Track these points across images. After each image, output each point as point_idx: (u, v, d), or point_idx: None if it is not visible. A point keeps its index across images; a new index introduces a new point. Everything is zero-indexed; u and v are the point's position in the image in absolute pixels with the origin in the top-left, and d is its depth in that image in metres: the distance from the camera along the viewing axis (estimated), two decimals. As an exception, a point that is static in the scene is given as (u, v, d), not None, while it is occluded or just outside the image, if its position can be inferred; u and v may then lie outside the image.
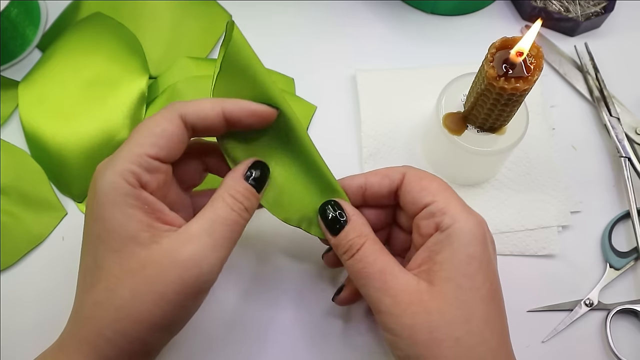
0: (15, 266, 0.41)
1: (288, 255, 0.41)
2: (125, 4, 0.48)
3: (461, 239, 0.30)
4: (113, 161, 0.29)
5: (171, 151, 0.30)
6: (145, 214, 0.28)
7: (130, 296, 0.27)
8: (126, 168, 0.28)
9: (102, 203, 0.28)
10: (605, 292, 0.41)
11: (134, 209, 0.28)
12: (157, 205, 0.29)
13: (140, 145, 0.29)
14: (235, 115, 0.31)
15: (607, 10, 0.48)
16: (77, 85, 0.44)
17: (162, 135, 0.29)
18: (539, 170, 0.43)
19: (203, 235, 0.28)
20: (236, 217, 0.30)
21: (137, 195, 0.28)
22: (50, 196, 0.43)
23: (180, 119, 0.30)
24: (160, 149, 0.29)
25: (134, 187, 0.28)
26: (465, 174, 0.42)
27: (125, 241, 0.28)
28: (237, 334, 0.39)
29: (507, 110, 0.35)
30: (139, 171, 0.28)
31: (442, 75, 0.41)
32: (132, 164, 0.28)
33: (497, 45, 0.33)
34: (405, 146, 0.44)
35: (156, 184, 0.30)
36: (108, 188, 0.28)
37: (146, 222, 0.28)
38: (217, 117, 0.30)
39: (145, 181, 0.29)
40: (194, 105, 0.30)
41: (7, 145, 0.44)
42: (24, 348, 0.39)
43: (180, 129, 0.30)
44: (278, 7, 0.50)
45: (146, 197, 0.29)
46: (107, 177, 0.28)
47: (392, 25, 0.50)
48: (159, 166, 0.30)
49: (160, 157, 0.29)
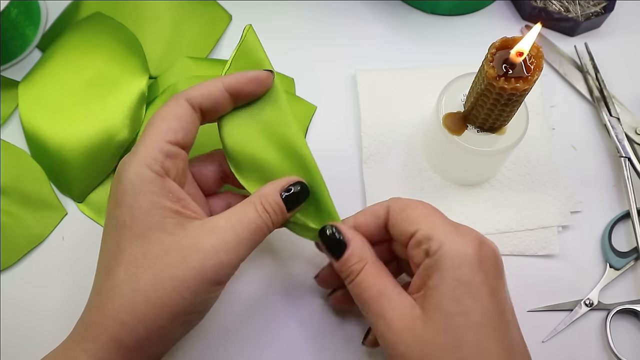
0: (15, 266, 0.41)
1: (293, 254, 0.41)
2: (125, 4, 0.48)
3: (448, 263, 0.29)
4: (135, 152, 0.30)
5: (186, 134, 0.31)
6: (171, 201, 0.29)
7: (151, 280, 0.28)
8: (149, 156, 0.29)
9: (127, 191, 0.29)
10: (605, 292, 0.41)
11: (159, 196, 0.29)
12: (181, 194, 0.30)
13: (157, 133, 0.30)
14: (235, 86, 0.32)
15: (607, 10, 0.48)
16: (77, 85, 0.44)
17: (174, 119, 0.30)
18: (539, 170, 0.43)
19: (228, 229, 0.29)
20: (262, 224, 0.31)
21: (161, 184, 0.29)
22: (50, 196, 0.43)
23: (187, 102, 0.31)
24: (175, 133, 0.30)
25: (158, 175, 0.29)
26: (465, 174, 0.42)
27: (150, 227, 0.28)
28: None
29: (507, 110, 0.35)
30: (161, 158, 0.29)
31: (442, 75, 0.41)
32: (153, 150, 0.29)
33: (497, 45, 0.33)
34: (405, 146, 0.44)
35: (176, 171, 0.31)
36: (133, 177, 0.29)
37: (172, 209, 0.29)
38: (220, 92, 0.32)
39: (168, 167, 0.30)
40: (197, 87, 0.32)
41: (7, 145, 0.44)
42: (24, 348, 0.39)
43: (189, 110, 0.31)
44: (278, 8, 0.50)
45: (170, 185, 0.30)
46: (132, 167, 0.29)
47: (392, 25, 0.50)
48: (178, 151, 0.31)
49: (178, 140, 0.30)
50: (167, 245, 0.28)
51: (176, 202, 0.30)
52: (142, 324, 0.28)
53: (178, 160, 0.31)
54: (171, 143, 0.30)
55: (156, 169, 0.29)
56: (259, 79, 0.33)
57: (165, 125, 0.30)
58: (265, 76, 0.33)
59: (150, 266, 0.28)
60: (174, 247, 0.28)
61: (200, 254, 0.28)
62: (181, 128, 0.31)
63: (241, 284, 0.40)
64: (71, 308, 0.40)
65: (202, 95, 0.31)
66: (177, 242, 0.28)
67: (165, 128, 0.30)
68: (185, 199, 0.30)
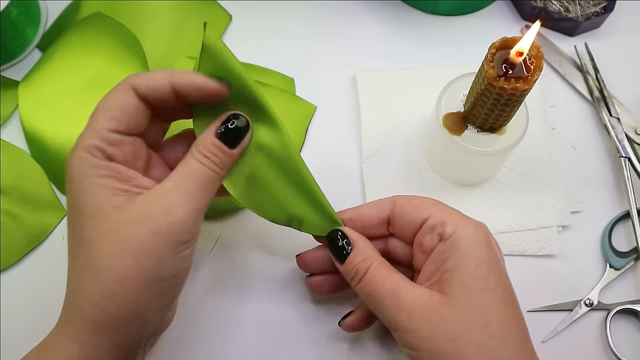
0: (15, 266, 0.41)
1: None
2: (125, 4, 0.48)
3: (466, 243, 0.30)
4: (80, 139, 0.30)
5: (130, 123, 0.30)
6: (119, 181, 0.29)
7: (109, 256, 0.28)
8: (90, 143, 0.29)
9: (74, 177, 0.29)
10: (605, 292, 0.41)
11: (105, 178, 0.29)
12: (130, 173, 0.30)
13: (99, 121, 0.30)
14: (182, 88, 0.30)
15: (607, 10, 0.48)
16: (77, 85, 0.44)
17: (117, 109, 0.30)
18: (539, 170, 0.43)
19: (174, 188, 0.29)
20: (206, 170, 0.30)
21: (106, 166, 0.29)
22: (50, 196, 0.43)
23: (132, 90, 0.30)
24: (118, 122, 0.30)
25: (101, 160, 0.29)
26: (465, 174, 0.42)
27: (99, 207, 0.28)
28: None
29: (507, 110, 0.35)
30: (102, 145, 0.29)
31: (442, 75, 0.41)
32: (94, 139, 0.29)
33: (497, 45, 0.33)
34: (405, 146, 0.44)
35: (123, 156, 0.30)
36: (77, 163, 0.29)
37: (120, 188, 0.29)
38: (165, 88, 0.30)
39: (111, 153, 0.29)
40: (145, 76, 0.31)
41: (7, 145, 0.44)
42: (24, 348, 0.39)
43: (134, 100, 0.30)
44: (278, 8, 0.50)
45: (116, 166, 0.29)
46: (76, 152, 0.29)
47: (392, 25, 0.50)
48: (122, 139, 0.30)
49: (121, 129, 0.30)
50: (118, 219, 0.28)
51: (125, 182, 0.29)
52: (114, 302, 0.28)
53: (123, 146, 0.30)
54: (113, 131, 0.30)
55: (98, 155, 0.29)
56: (209, 90, 0.31)
57: (108, 114, 0.30)
58: (217, 89, 0.31)
59: (105, 242, 0.28)
60: (125, 220, 0.28)
61: (151, 219, 0.28)
62: (124, 117, 0.30)
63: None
64: (71, 308, 0.40)
65: (147, 86, 0.30)
66: (127, 215, 0.28)
67: (108, 116, 0.30)
68: (135, 177, 0.30)
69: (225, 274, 0.41)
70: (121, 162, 0.30)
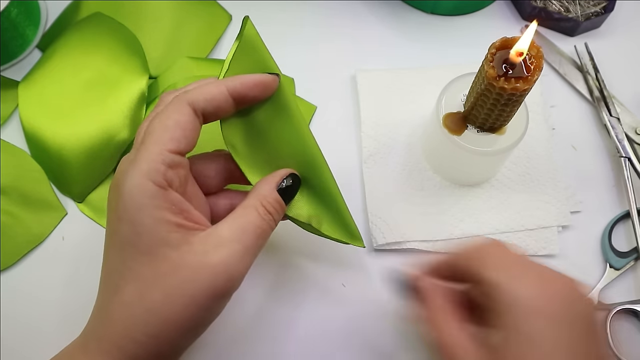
0: (15, 266, 0.41)
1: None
2: (125, 4, 0.48)
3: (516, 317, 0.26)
4: (136, 161, 0.28)
5: (188, 141, 0.30)
6: (174, 214, 0.28)
7: (162, 300, 0.27)
8: (151, 167, 0.28)
9: (129, 205, 0.28)
10: (606, 292, 0.41)
11: (162, 210, 0.28)
12: (184, 205, 0.29)
13: (159, 143, 0.28)
14: (240, 90, 0.31)
15: (607, 10, 0.48)
16: (77, 85, 0.44)
17: (176, 127, 0.29)
18: (539, 170, 0.43)
19: (234, 241, 0.29)
20: (266, 227, 0.30)
21: (164, 197, 0.28)
22: (50, 196, 0.43)
23: (190, 107, 0.30)
24: (178, 142, 0.29)
25: (161, 188, 0.28)
26: (465, 174, 0.42)
27: (156, 244, 0.28)
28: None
29: (507, 110, 0.35)
30: (163, 169, 0.28)
31: (442, 75, 0.41)
32: (155, 162, 0.28)
33: (497, 45, 0.33)
34: (405, 146, 0.44)
35: (178, 181, 0.30)
36: (135, 190, 0.28)
37: (175, 222, 0.28)
38: (223, 96, 0.30)
39: (170, 178, 0.29)
40: (200, 91, 0.30)
41: (7, 145, 0.44)
42: (24, 348, 0.39)
43: (191, 117, 0.30)
44: (278, 7, 0.50)
45: (173, 197, 0.29)
46: (133, 178, 0.28)
47: (392, 26, 0.50)
48: (180, 160, 0.30)
49: (180, 149, 0.29)
50: (175, 262, 0.28)
51: (179, 215, 0.29)
52: (155, 341, 0.28)
53: (180, 169, 0.30)
54: (173, 152, 0.29)
55: (159, 181, 0.28)
56: (264, 83, 0.31)
57: (168, 134, 0.29)
58: (271, 80, 0.32)
59: (160, 284, 0.28)
60: (182, 264, 0.28)
61: (209, 272, 0.28)
62: (184, 136, 0.29)
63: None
64: (71, 308, 0.40)
65: (206, 100, 0.30)
66: (184, 258, 0.28)
67: (168, 137, 0.29)
68: (188, 209, 0.29)
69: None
70: (176, 187, 0.29)
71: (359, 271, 0.41)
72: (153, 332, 0.28)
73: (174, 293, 0.27)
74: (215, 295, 0.28)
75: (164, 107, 0.30)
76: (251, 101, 0.32)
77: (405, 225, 0.41)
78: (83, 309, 0.32)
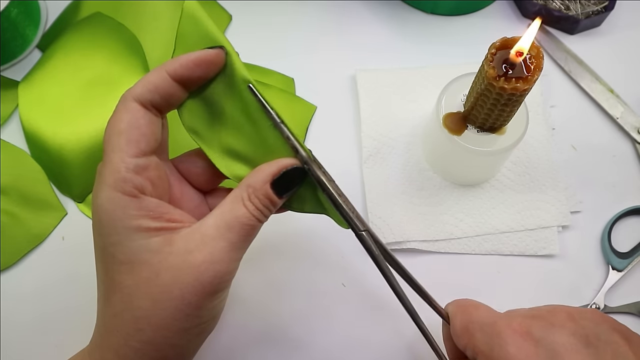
0: (15, 266, 0.41)
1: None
2: (125, 4, 0.48)
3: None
4: (102, 174, 0.27)
5: (148, 139, 0.28)
6: (151, 219, 0.27)
7: (150, 305, 0.27)
8: (117, 178, 0.27)
9: (104, 219, 0.27)
10: (611, 295, 0.40)
11: (137, 219, 0.27)
12: (162, 208, 0.28)
13: (117, 150, 0.27)
14: (180, 72, 0.28)
15: (608, 9, 0.48)
16: (77, 85, 0.44)
17: (129, 129, 0.27)
18: (539, 170, 0.43)
19: (218, 238, 0.27)
20: (254, 223, 0.28)
21: (137, 205, 0.27)
22: (50, 196, 0.43)
23: (136, 102, 0.28)
24: (137, 143, 0.27)
25: (132, 197, 0.27)
26: (465, 174, 0.42)
27: (134, 252, 0.27)
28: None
29: (507, 110, 0.35)
30: (129, 176, 0.27)
31: (442, 75, 0.41)
32: (119, 172, 0.27)
33: (497, 45, 0.33)
34: (405, 146, 0.44)
35: (150, 185, 0.28)
36: (105, 204, 0.27)
37: (154, 228, 0.27)
38: (166, 83, 0.28)
39: (139, 185, 0.27)
40: (141, 83, 0.28)
41: (7, 145, 0.44)
42: (24, 347, 0.39)
43: (141, 112, 0.28)
44: (278, 8, 0.50)
45: (147, 203, 0.27)
46: (102, 192, 0.27)
47: (392, 26, 0.50)
48: (146, 162, 0.28)
49: (142, 150, 0.28)
50: (156, 266, 0.27)
51: (158, 219, 0.27)
52: (153, 347, 0.27)
53: (149, 171, 0.28)
54: (135, 156, 0.27)
55: (128, 191, 0.27)
56: (206, 60, 0.28)
57: (123, 139, 0.27)
58: (214, 55, 0.28)
59: (144, 291, 0.27)
60: (164, 267, 0.27)
61: (193, 269, 0.27)
62: (141, 135, 0.27)
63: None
64: (71, 308, 0.40)
65: (149, 90, 0.28)
66: (165, 261, 0.27)
67: (124, 142, 0.27)
68: (167, 212, 0.28)
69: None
70: (150, 192, 0.28)
71: (359, 271, 0.41)
72: (147, 338, 0.27)
73: (159, 298, 0.27)
74: (204, 293, 0.27)
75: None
76: (198, 81, 0.29)
77: (405, 225, 0.41)
78: (83, 309, 0.32)
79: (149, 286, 0.27)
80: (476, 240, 0.42)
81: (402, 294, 0.31)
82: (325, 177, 0.30)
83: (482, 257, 0.42)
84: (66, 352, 0.30)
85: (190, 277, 0.27)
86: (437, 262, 0.41)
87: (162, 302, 0.27)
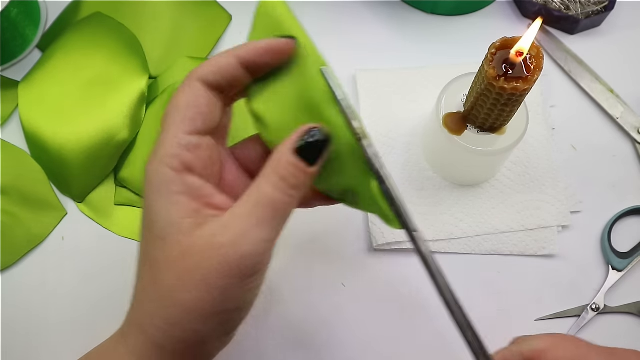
0: (15, 266, 0.41)
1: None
2: (125, 4, 0.48)
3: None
4: (155, 150, 0.28)
5: (206, 119, 0.28)
6: (192, 199, 0.27)
7: (175, 285, 0.27)
8: (167, 152, 0.27)
9: (148, 191, 0.27)
10: (611, 295, 0.40)
11: (179, 195, 0.27)
12: (205, 190, 0.28)
13: (173, 125, 0.27)
14: (247, 57, 0.28)
15: (608, 9, 0.48)
16: (77, 85, 0.44)
17: (188, 107, 0.28)
18: (539, 170, 0.43)
19: (244, 217, 0.27)
20: (280, 196, 0.27)
21: (180, 181, 0.27)
22: (50, 196, 0.43)
23: (199, 82, 0.28)
24: (193, 122, 0.28)
25: (178, 172, 0.27)
26: (466, 174, 0.42)
27: (168, 229, 0.27)
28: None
29: (507, 110, 0.35)
30: (179, 152, 0.27)
31: (442, 75, 0.41)
32: (170, 146, 0.27)
33: (497, 45, 0.33)
34: (405, 146, 0.44)
35: (201, 163, 0.28)
36: (152, 176, 0.27)
37: (191, 208, 0.27)
38: (232, 66, 0.28)
39: (189, 162, 0.27)
40: (208, 64, 0.28)
41: (7, 145, 0.44)
42: (24, 347, 0.39)
43: (203, 92, 0.28)
44: (278, 7, 0.50)
45: (192, 182, 0.27)
46: (151, 165, 0.27)
47: (392, 26, 0.50)
48: (199, 141, 0.28)
49: (198, 129, 0.28)
50: (184, 247, 0.27)
51: (197, 200, 0.27)
52: (177, 328, 0.27)
53: (202, 150, 0.28)
54: (190, 134, 0.27)
55: (175, 165, 0.27)
56: (276, 48, 0.28)
57: (180, 115, 0.27)
58: (284, 44, 0.29)
59: (172, 269, 0.27)
60: (192, 248, 0.27)
61: (218, 252, 0.26)
62: (199, 114, 0.28)
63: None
64: (71, 308, 0.40)
65: (214, 72, 0.28)
66: (193, 244, 0.27)
67: (180, 119, 0.27)
68: (210, 194, 0.28)
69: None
70: (200, 172, 0.28)
71: (359, 271, 0.41)
72: (171, 318, 0.27)
73: (184, 278, 0.26)
74: (230, 276, 0.26)
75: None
76: (265, 67, 0.29)
77: (405, 225, 0.41)
78: (83, 309, 0.32)
79: (176, 265, 0.27)
80: (476, 240, 0.42)
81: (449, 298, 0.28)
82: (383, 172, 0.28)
83: (482, 257, 0.42)
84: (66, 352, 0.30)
85: (214, 261, 0.26)
86: (437, 262, 0.41)
87: (186, 283, 0.26)
